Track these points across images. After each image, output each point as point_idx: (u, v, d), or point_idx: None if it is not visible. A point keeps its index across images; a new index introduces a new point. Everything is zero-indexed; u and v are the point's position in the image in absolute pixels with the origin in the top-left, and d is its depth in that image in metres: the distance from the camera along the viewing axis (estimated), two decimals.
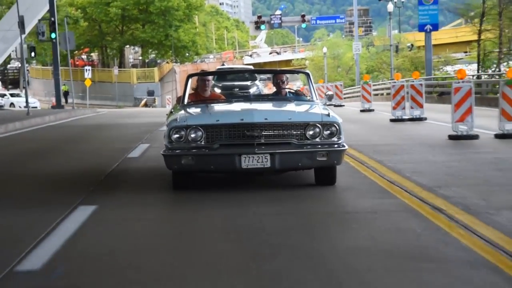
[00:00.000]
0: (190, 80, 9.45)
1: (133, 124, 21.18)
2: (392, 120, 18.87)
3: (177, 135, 7.91)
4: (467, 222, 5.71)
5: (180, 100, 9.32)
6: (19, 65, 71.78)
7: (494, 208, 6.25)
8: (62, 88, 59.51)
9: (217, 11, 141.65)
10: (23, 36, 35.69)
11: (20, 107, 51.25)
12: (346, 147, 7.96)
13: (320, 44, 74.32)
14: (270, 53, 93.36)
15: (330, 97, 10.06)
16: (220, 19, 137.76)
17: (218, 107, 8.77)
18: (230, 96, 10.05)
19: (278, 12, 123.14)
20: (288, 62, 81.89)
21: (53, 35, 31.72)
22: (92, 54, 75.40)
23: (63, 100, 51.91)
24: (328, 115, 7.96)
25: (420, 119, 18.52)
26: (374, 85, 35.66)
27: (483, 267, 4.51)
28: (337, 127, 7.92)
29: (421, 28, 35.78)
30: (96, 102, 58.21)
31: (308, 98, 9.14)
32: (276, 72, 10.36)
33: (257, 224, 6.11)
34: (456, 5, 44.19)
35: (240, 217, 6.46)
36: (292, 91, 9.62)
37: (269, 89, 40.10)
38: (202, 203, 7.27)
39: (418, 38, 57.49)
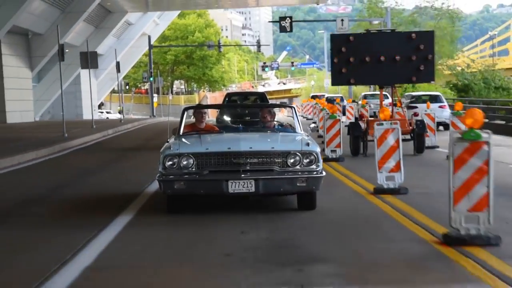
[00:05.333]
0: (186, 113, 10.33)
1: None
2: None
3: (170, 162, 8.68)
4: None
5: (176, 131, 10.03)
6: None
7: None
8: (119, 108, 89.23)
9: (239, 45, 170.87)
10: (120, 74, 65.94)
11: (108, 118, 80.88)
12: (324, 174, 8.80)
13: (309, 78, 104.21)
14: (278, 83, 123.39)
15: (313, 129, 11.20)
16: (242, 53, 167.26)
17: (209, 137, 9.56)
18: (224, 128, 10.75)
19: (285, 53, 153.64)
20: (289, 90, 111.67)
21: (151, 79, 61.38)
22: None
23: (120, 115, 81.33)
24: (308, 144, 8.79)
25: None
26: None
27: None
28: (316, 156, 8.71)
29: None
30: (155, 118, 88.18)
31: (293, 129, 10.04)
32: (265, 106, 11.51)
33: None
34: None
35: None
36: (280, 123, 10.55)
37: (282, 113, 61.55)
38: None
39: None
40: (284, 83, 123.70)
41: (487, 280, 5.65)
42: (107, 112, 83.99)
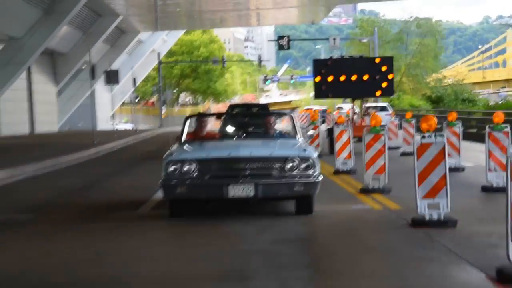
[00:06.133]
0: (188, 121, 10.71)
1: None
2: None
3: (172, 168, 9.08)
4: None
5: (178, 138, 10.43)
6: None
7: None
8: (124, 120, 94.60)
9: (242, 59, 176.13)
10: (133, 89, 71.40)
11: (118, 129, 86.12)
12: (321, 178, 9.30)
13: (309, 89, 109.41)
14: (279, 95, 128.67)
15: (310, 136, 13.14)
16: (244, 66, 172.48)
17: (210, 144, 9.98)
18: (225, 136, 11.01)
19: (286, 65, 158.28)
20: (290, 102, 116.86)
21: (161, 92, 66.68)
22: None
23: (126, 126, 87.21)
24: (305, 150, 9.27)
25: None
26: None
27: None
28: (313, 161, 9.14)
29: None
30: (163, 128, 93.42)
31: (292, 136, 10.59)
32: (264, 115, 12.65)
33: None
34: None
35: None
36: (279, 131, 11.19)
37: (283, 123, 67.93)
38: None
39: None
40: (285, 95, 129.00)
41: (369, 203, 10.78)
42: (118, 123, 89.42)
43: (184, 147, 9.74)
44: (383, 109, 35.66)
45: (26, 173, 17.91)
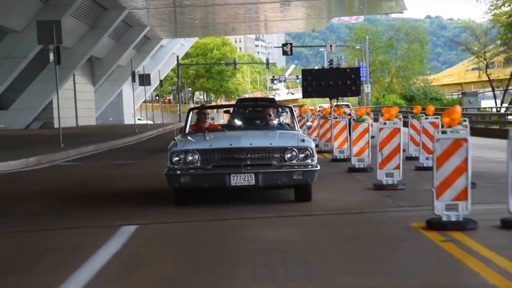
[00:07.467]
0: (191, 113, 11.12)
1: None
2: None
3: (177, 158, 9.41)
4: None
5: (182, 130, 10.83)
6: None
7: None
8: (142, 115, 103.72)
9: (252, 59, 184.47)
10: (152, 88, 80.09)
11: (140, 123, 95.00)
12: (319, 167, 9.60)
13: None
14: (287, 94, 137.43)
15: (309, 127, 14.65)
16: (255, 65, 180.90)
17: (212, 135, 10.13)
18: (227, 127, 11.57)
19: (293, 66, 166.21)
20: (297, 100, 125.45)
21: (178, 90, 75.41)
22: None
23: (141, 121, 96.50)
24: (304, 141, 9.52)
25: None
26: None
27: None
28: (311, 151, 9.45)
29: None
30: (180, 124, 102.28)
31: (291, 128, 11.17)
32: (265, 107, 12.43)
33: None
34: None
35: None
36: (279, 122, 11.69)
37: (287, 119, 74.06)
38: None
39: None
40: (292, 93, 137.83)
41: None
42: (139, 119, 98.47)
43: (188, 138, 10.03)
44: (346, 106, 45.29)
45: (103, 148, 26.64)
